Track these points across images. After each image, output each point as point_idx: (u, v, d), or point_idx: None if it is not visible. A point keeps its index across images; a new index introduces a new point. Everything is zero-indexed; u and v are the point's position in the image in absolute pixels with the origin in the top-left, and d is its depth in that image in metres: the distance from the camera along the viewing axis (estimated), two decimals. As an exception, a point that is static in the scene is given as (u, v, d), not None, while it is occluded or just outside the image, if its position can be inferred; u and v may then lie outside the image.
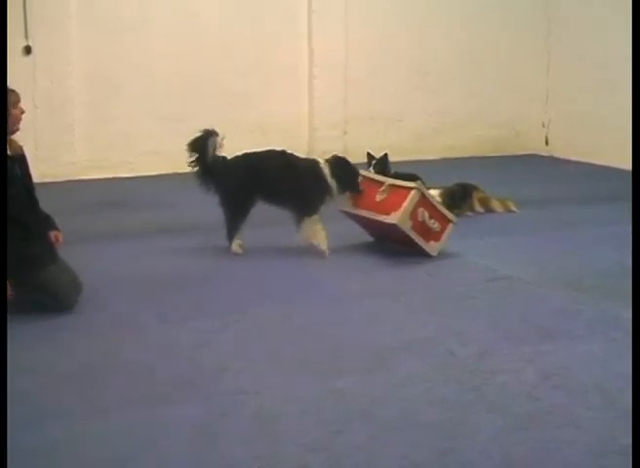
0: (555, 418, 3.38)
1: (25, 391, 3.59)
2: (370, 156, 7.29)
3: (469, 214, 7.25)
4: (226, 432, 3.28)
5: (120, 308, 4.78)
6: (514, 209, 7.43)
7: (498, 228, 6.83)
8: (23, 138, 4.90)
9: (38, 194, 4.91)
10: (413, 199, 5.73)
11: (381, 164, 7.18)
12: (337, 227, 6.16)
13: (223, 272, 5.55)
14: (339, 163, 6.10)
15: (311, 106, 10.00)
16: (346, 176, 6.04)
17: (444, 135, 10.60)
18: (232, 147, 5.95)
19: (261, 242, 6.13)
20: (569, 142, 10.72)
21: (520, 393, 3.63)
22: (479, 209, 7.36)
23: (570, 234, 6.59)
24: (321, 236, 5.92)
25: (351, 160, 6.30)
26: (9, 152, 4.63)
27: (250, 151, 6.03)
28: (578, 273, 5.49)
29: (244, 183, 5.88)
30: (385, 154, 7.27)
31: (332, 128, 9.98)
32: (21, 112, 4.75)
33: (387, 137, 9.94)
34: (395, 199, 5.82)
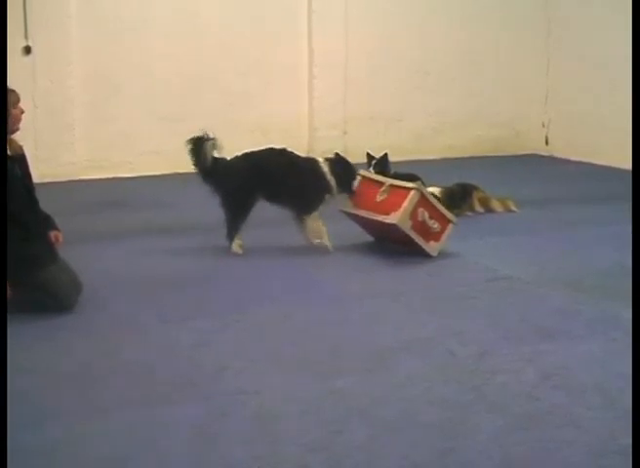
0: (555, 418, 3.38)
1: (25, 391, 3.59)
2: (369, 156, 7.29)
3: (469, 213, 7.25)
4: (226, 432, 3.27)
5: (120, 308, 4.78)
6: (514, 209, 7.44)
7: (498, 228, 6.83)
8: (23, 138, 4.90)
9: (38, 194, 4.91)
10: (412, 199, 5.74)
11: (381, 164, 7.17)
12: (337, 227, 6.16)
13: (223, 272, 5.55)
14: (338, 162, 6.11)
15: (311, 106, 10.00)
16: (345, 176, 6.05)
17: (444, 135, 10.60)
18: (232, 147, 5.95)
19: (261, 242, 6.13)
20: (569, 142, 10.72)
21: (520, 393, 3.63)
22: (479, 209, 7.36)
23: (570, 234, 6.59)
24: (322, 232, 5.97)
25: (351, 160, 6.30)
26: (9, 152, 4.63)
27: (250, 151, 6.04)
28: (578, 273, 5.49)
29: (245, 183, 5.88)
30: (385, 154, 7.26)
31: (332, 128, 9.98)
32: (21, 112, 4.75)
33: (387, 137, 9.94)
34: (395, 199, 5.83)
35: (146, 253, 5.96)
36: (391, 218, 5.75)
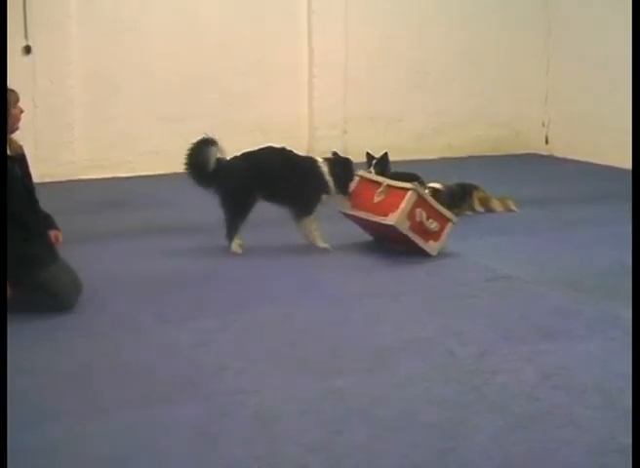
0: (555, 418, 3.38)
1: (25, 391, 3.59)
2: (369, 156, 7.29)
3: (469, 213, 7.25)
4: (226, 432, 3.27)
5: (120, 308, 4.78)
6: (514, 208, 7.43)
7: (497, 228, 6.82)
8: (23, 138, 4.90)
9: (38, 194, 4.91)
10: (410, 200, 5.73)
11: (382, 163, 7.18)
12: (336, 227, 6.17)
13: (223, 272, 5.55)
14: (337, 162, 6.11)
15: (311, 106, 10.00)
16: (343, 176, 6.05)
17: (444, 134, 10.60)
18: (232, 147, 5.96)
19: (261, 242, 6.13)
20: (569, 142, 10.72)
21: (520, 393, 3.63)
22: (479, 208, 7.36)
23: (570, 234, 6.59)
24: (315, 234, 5.99)
25: (351, 159, 6.30)
26: (9, 152, 4.63)
27: (249, 151, 6.03)
28: (577, 273, 5.49)
29: (244, 183, 5.87)
30: (385, 153, 7.26)
31: (332, 128, 9.98)
32: (21, 111, 4.75)
33: (387, 137, 9.94)
34: (393, 200, 5.82)
35: (146, 253, 5.96)
36: (389, 220, 5.75)
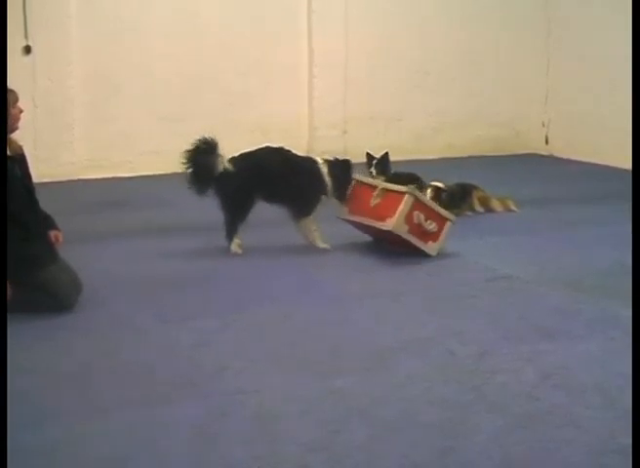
0: (555, 418, 3.38)
1: (25, 391, 3.59)
2: (369, 156, 7.29)
3: (469, 213, 7.25)
4: (226, 432, 3.27)
5: (120, 308, 4.78)
6: (514, 208, 7.43)
7: (497, 228, 6.82)
8: (23, 138, 4.90)
9: (38, 194, 4.91)
10: (407, 203, 5.70)
11: (382, 164, 7.19)
12: (336, 227, 6.16)
13: (223, 272, 5.55)
14: (337, 164, 6.10)
15: (311, 106, 10.00)
16: (342, 180, 6.04)
17: (444, 134, 10.60)
18: (232, 147, 5.95)
19: (261, 242, 6.13)
20: (569, 142, 10.72)
21: (520, 393, 3.63)
22: (479, 208, 7.35)
23: (570, 233, 6.59)
24: (316, 236, 5.99)
25: (351, 160, 6.29)
26: (8, 152, 4.63)
27: (247, 151, 6.02)
28: (577, 273, 5.49)
29: (243, 184, 5.86)
30: (386, 153, 7.27)
31: (332, 127, 9.98)
32: (20, 111, 4.74)
33: (387, 137, 9.93)
34: (389, 203, 5.80)
35: (146, 253, 5.96)
36: (387, 225, 5.74)
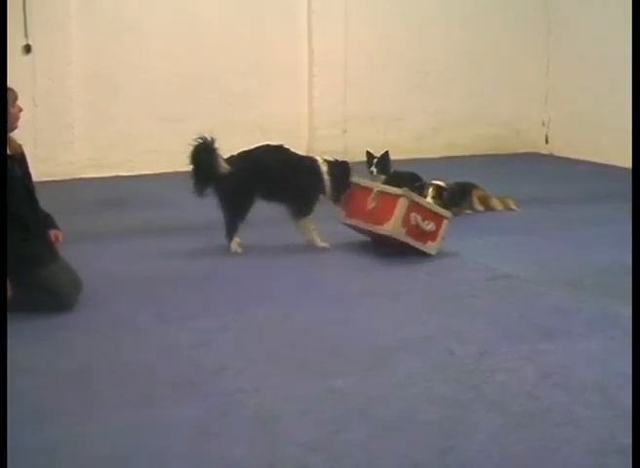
0: (555, 417, 3.38)
1: (25, 391, 3.59)
2: (369, 155, 7.29)
3: (469, 212, 7.25)
4: (226, 432, 3.27)
5: (120, 307, 4.78)
6: (514, 207, 7.43)
7: (497, 227, 6.82)
8: (23, 137, 4.91)
9: (38, 193, 4.91)
10: (402, 207, 5.69)
11: (383, 163, 7.20)
12: (335, 226, 6.16)
13: (223, 272, 5.55)
14: (337, 165, 6.10)
15: (311, 106, 10.01)
16: (341, 181, 6.04)
17: (444, 133, 10.60)
18: (232, 147, 5.95)
19: (261, 241, 6.13)
20: (569, 142, 10.72)
21: (520, 392, 3.63)
22: (479, 207, 7.36)
23: (570, 233, 6.58)
24: (315, 235, 6.00)
25: (351, 159, 6.30)
26: (8, 151, 4.63)
27: (246, 149, 6.01)
28: (577, 272, 5.48)
29: (243, 183, 5.86)
30: (386, 152, 7.28)
31: (332, 127, 9.99)
32: (19, 110, 4.74)
33: (387, 137, 9.94)
34: (385, 206, 5.78)
35: (146, 253, 5.96)
36: (384, 229, 5.74)
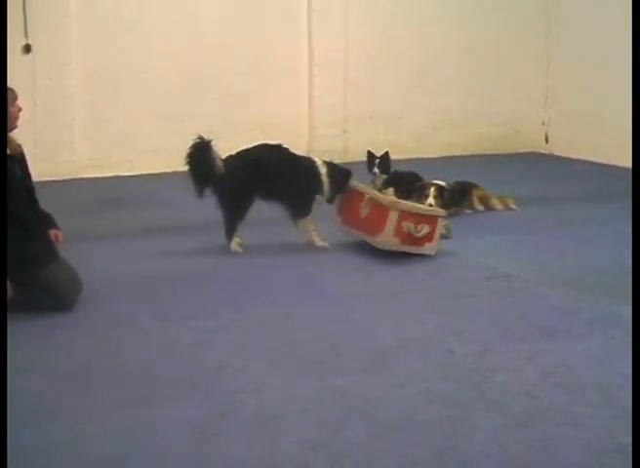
0: (555, 416, 3.38)
1: (25, 391, 3.59)
2: (370, 154, 7.29)
3: (469, 212, 7.25)
4: (226, 431, 3.27)
5: (120, 307, 4.78)
6: (514, 207, 7.43)
7: (497, 226, 6.82)
8: (23, 137, 4.91)
9: (38, 193, 4.91)
10: (392, 219, 5.66)
11: (384, 163, 7.21)
12: (335, 226, 6.16)
13: (223, 272, 5.55)
14: (337, 169, 6.11)
15: (311, 106, 10.00)
16: (339, 182, 6.04)
17: (444, 133, 10.60)
18: (232, 147, 5.95)
19: (261, 241, 6.13)
20: (568, 141, 10.72)
21: (520, 391, 3.63)
22: (479, 207, 7.35)
23: (569, 232, 6.58)
24: (315, 235, 6.01)
25: (351, 159, 6.29)
26: (8, 151, 4.63)
27: (244, 149, 6.01)
28: (577, 271, 5.48)
29: (242, 182, 5.85)
30: (386, 152, 7.28)
31: (331, 127, 9.98)
32: (19, 110, 4.75)
33: (387, 136, 9.94)
34: (377, 215, 5.77)
35: (146, 253, 5.96)
36: (378, 242, 5.74)
